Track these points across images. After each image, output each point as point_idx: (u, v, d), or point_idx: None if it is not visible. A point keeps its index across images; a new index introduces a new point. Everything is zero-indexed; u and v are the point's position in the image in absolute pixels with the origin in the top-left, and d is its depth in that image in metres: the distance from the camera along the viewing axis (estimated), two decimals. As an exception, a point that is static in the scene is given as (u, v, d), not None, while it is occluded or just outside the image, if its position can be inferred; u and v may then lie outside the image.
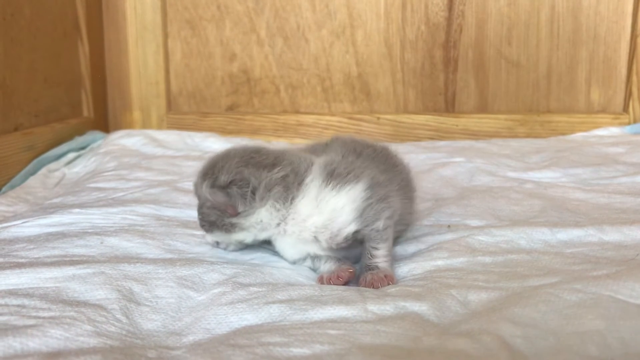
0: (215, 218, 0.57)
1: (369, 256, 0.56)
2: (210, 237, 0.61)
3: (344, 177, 0.56)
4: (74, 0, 1.18)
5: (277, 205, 0.55)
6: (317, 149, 0.63)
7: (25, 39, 1.03)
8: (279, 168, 0.56)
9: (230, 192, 0.55)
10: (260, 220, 0.56)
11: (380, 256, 0.56)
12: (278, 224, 0.56)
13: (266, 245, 0.62)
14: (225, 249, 0.62)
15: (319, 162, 0.58)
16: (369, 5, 1.25)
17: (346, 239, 0.56)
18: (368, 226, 0.56)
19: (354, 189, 0.55)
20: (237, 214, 0.56)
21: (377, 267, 0.56)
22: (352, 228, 0.55)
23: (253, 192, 0.55)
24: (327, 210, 0.55)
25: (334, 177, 0.56)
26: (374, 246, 0.56)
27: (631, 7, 1.19)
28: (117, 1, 1.27)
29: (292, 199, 0.55)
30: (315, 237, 0.56)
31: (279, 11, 1.26)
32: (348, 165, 0.57)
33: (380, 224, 0.56)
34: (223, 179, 0.55)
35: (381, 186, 0.57)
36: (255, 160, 0.56)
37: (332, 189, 0.55)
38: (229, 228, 0.57)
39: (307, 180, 0.56)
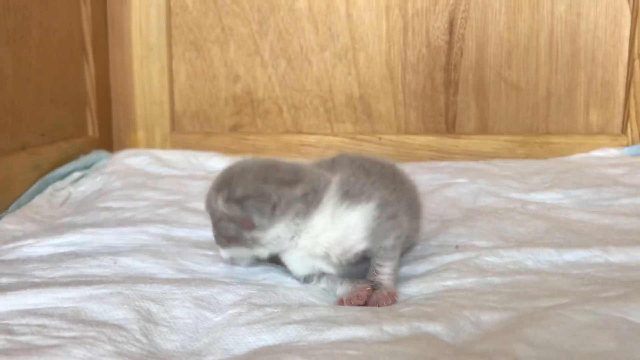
0: (235, 233, 0.56)
1: (374, 272, 0.58)
2: (225, 253, 0.60)
3: (358, 196, 0.57)
4: (80, 22, 1.20)
5: (297, 220, 0.56)
6: (323, 166, 0.64)
7: (33, 60, 1.04)
8: (301, 186, 0.56)
9: (246, 205, 0.55)
10: (278, 235, 0.56)
11: (385, 273, 0.58)
12: (292, 238, 0.57)
13: (275, 263, 0.63)
14: (238, 265, 0.62)
15: (335, 180, 0.59)
16: (371, 29, 1.27)
17: (356, 255, 0.57)
18: (377, 244, 0.57)
19: (365, 208, 0.57)
20: (253, 228, 0.56)
21: (381, 284, 0.57)
22: (362, 246, 0.57)
23: (274, 208, 0.55)
24: (340, 227, 0.57)
25: (349, 196, 0.57)
26: (380, 263, 0.58)
27: (628, 31, 1.22)
28: (123, 22, 1.29)
29: (310, 214, 0.56)
30: (326, 252, 0.57)
31: (283, 33, 1.29)
32: (361, 185, 0.58)
33: (388, 243, 0.58)
34: (239, 192, 0.56)
35: (391, 205, 0.59)
36: (276, 176, 0.57)
37: (347, 207, 0.57)
38: (248, 243, 0.57)
39: (325, 198, 0.57)
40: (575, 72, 1.24)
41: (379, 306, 0.55)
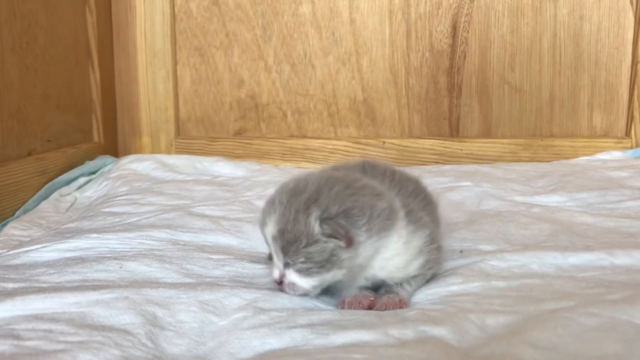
0: (329, 255, 0.51)
1: (399, 284, 0.57)
2: (310, 282, 0.54)
3: (418, 220, 0.56)
4: (85, 28, 1.21)
5: (381, 235, 0.53)
6: (353, 172, 0.60)
7: (39, 67, 1.05)
8: (385, 199, 0.54)
9: (346, 221, 0.51)
10: (368, 253, 0.53)
11: (407, 290, 0.57)
12: (371, 257, 0.53)
13: None
14: (313, 295, 0.56)
15: (397, 199, 0.56)
16: (374, 33, 1.28)
17: (403, 279, 0.57)
18: (425, 272, 0.58)
19: (424, 233, 0.56)
20: (352, 245, 0.51)
21: (397, 293, 0.57)
22: (416, 272, 0.57)
23: (368, 221, 0.52)
24: (408, 252, 0.55)
25: (412, 219, 0.55)
26: (410, 282, 0.58)
27: (631, 34, 1.22)
28: (128, 29, 1.29)
29: (388, 233, 0.53)
30: (389, 275, 0.55)
31: (286, 38, 1.29)
32: (417, 208, 0.57)
33: (431, 272, 0.58)
34: (335, 209, 0.51)
35: (435, 231, 0.59)
36: (364, 189, 0.53)
37: (412, 231, 0.55)
38: (344, 263, 0.52)
39: (400, 216, 0.54)
40: (579, 75, 1.24)
41: (385, 309, 0.55)
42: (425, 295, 0.59)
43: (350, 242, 0.51)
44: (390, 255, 0.54)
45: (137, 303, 0.53)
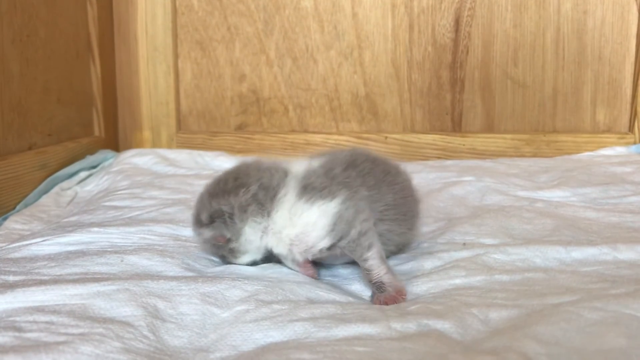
0: (219, 250, 0.61)
1: (366, 271, 0.56)
2: (240, 261, 0.62)
3: (319, 191, 0.56)
4: (86, 22, 1.20)
5: (258, 220, 0.58)
6: (324, 158, 0.63)
7: (40, 60, 1.04)
8: (243, 190, 0.58)
9: (214, 225, 0.59)
10: (248, 239, 0.59)
11: (374, 267, 0.56)
12: (261, 237, 0.59)
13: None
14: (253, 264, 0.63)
15: (296, 174, 0.59)
16: (376, 27, 1.27)
17: (321, 252, 0.57)
18: (343, 239, 0.56)
19: (327, 205, 0.56)
20: (227, 241, 0.59)
21: (382, 282, 0.56)
22: (326, 243, 0.56)
23: (231, 217, 0.58)
24: (300, 224, 0.56)
25: (308, 191, 0.57)
26: (361, 258, 0.56)
27: (635, 28, 1.21)
28: (129, 23, 1.29)
29: (269, 212, 0.58)
30: (290, 249, 0.58)
31: (288, 32, 1.28)
32: (325, 180, 0.58)
33: (354, 233, 0.55)
34: (203, 217, 0.60)
35: (356, 200, 0.57)
36: (220, 188, 0.59)
37: (305, 203, 0.56)
38: (234, 254, 0.61)
39: (281, 194, 0.58)
40: (582, 70, 1.24)
41: (387, 305, 0.54)
42: (428, 288, 0.58)
43: (224, 241, 0.60)
44: (279, 229, 0.57)
45: (138, 295, 0.53)
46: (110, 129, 1.28)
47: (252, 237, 0.59)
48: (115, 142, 1.30)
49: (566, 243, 0.66)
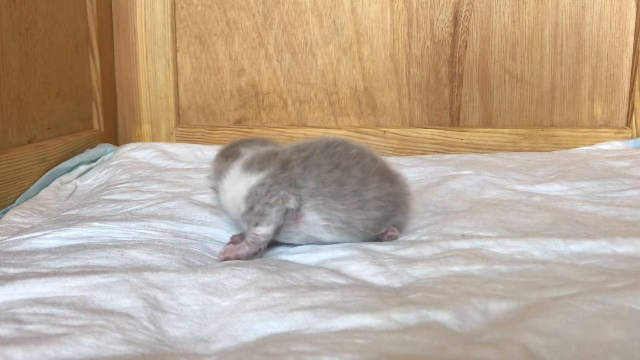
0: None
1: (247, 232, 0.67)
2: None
3: (256, 167, 0.67)
4: (85, 16, 1.20)
5: (224, 181, 0.71)
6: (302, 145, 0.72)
7: (39, 54, 1.04)
8: (222, 157, 0.74)
9: (209, 176, 0.76)
10: (218, 187, 0.72)
11: (250, 235, 0.65)
12: (218, 192, 0.73)
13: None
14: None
15: (246, 154, 0.71)
16: (375, 22, 1.27)
17: (243, 216, 0.67)
18: (252, 209, 0.65)
19: (252, 177, 0.66)
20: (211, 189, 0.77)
21: (238, 256, 0.65)
22: (243, 208, 0.66)
23: (213, 173, 0.74)
24: (234, 189, 0.68)
25: (247, 166, 0.68)
26: (249, 226, 0.66)
27: (633, 23, 1.21)
28: (128, 16, 1.29)
29: (223, 177, 0.71)
30: (228, 209, 0.70)
31: (287, 27, 1.28)
32: (263, 159, 0.68)
33: (257, 208, 0.65)
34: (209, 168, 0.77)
35: (281, 180, 0.65)
36: (221, 150, 0.75)
37: (242, 174, 0.68)
38: (215, 190, 0.75)
39: (233, 166, 0.70)
40: (580, 64, 1.24)
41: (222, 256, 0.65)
42: (428, 273, 0.59)
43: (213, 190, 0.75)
44: (225, 190, 0.70)
45: (138, 287, 0.53)
46: (109, 122, 1.28)
47: (221, 193, 0.72)
48: (114, 136, 1.30)
49: (565, 236, 0.67)
